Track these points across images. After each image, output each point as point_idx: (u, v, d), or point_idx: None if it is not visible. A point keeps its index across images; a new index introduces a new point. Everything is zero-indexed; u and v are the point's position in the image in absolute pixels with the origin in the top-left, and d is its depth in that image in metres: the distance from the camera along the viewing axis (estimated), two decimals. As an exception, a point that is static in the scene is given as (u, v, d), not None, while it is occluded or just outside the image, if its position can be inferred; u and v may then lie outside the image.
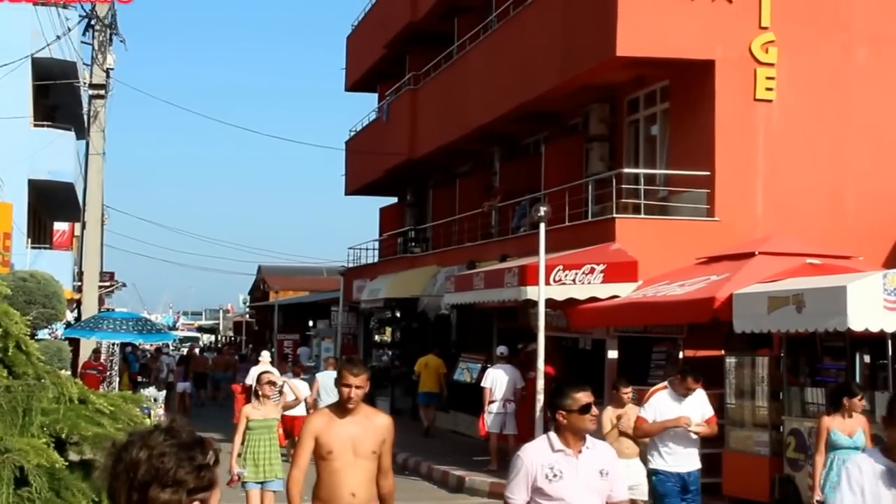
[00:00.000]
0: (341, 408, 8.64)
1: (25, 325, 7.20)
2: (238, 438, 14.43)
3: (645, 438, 13.70)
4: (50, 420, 6.72)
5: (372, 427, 8.56)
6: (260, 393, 14.90)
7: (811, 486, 16.18)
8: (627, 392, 15.30)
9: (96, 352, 30.47)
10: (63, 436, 6.82)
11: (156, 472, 3.45)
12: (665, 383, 13.86)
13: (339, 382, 8.60)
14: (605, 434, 14.06)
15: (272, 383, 15.12)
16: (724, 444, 17.92)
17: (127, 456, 3.48)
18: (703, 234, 21.57)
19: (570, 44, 24.65)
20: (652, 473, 13.38)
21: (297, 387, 22.13)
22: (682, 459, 13.18)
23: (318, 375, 26.54)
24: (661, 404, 13.34)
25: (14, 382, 6.32)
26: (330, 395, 29.43)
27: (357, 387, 8.53)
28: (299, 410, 29.35)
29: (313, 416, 9.11)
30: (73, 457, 7.18)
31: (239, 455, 14.33)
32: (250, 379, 34.23)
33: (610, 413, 14.82)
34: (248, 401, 35.40)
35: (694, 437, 13.24)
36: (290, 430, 28.91)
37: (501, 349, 24.06)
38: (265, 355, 39.43)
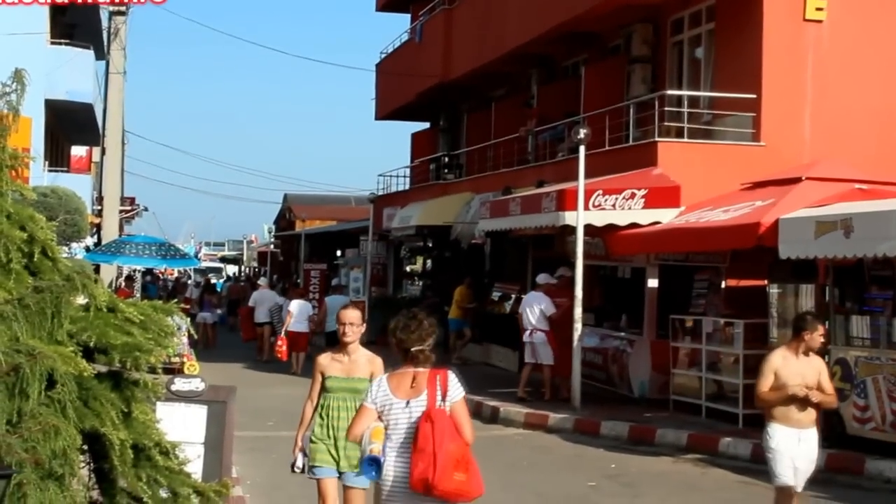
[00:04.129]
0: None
1: (52, 231, 7.24)
2: (308, 407, 10.02)
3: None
4: (78, 328, 6.74)
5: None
6: (342, 337, 10.01)
7: (855, 417, 16.37)
8: (818, 334, 11.28)
9: (129, 278, 30.60)
10: (91, 344, 6.85)
11: None
12: None
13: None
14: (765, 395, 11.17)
15: (354, 324, 9.97)
16: (767, 375, 18.04)
17: None
18: (748, 159, 21.60)
19: (612, -40, 24.58)
20: None
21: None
22: None
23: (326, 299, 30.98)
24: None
25: (43, 283, 6.41)
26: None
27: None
28: (301, 326, 30.14)
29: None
30: (102, 367, 7.26)
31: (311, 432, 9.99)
32: (252, 301, 35.16)
33: (778, 360, 11.25)
34: (251, 330, 35.61)
35: None
36: (293, 346, 29.73)
37: (541, 276, 23.39)
38: (263, 280, 40.03)
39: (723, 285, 21.20)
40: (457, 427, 7.63)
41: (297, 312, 30.03)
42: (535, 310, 22.42)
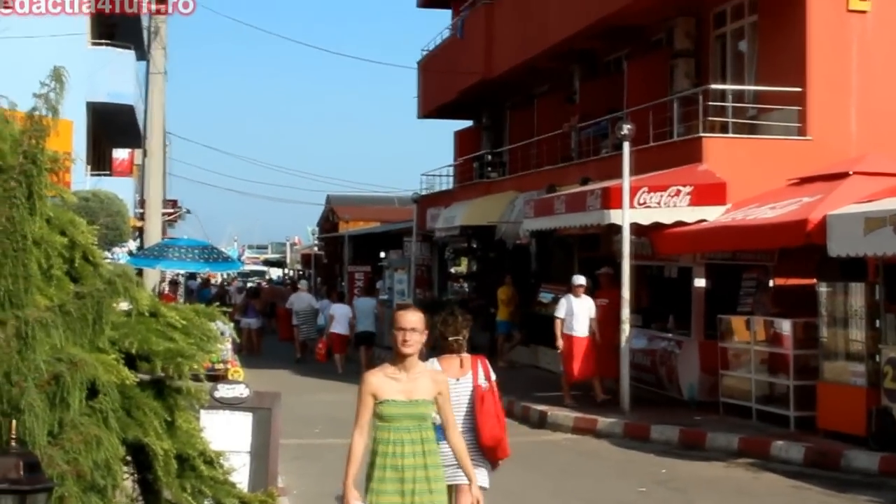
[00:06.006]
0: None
1: (93, 235, 7.19)
2: (358, 439, 8.03)
3: None
4: (119, 334, 6.70)
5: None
6: (399, 348, 8.03)
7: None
8: None
9: (173, 283, 30.80)
10: (133, 351, 6.81)
11: None
12: None
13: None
14: None
15: (416, 329, 7.99)
16: (818, 376, 17.95)
17: None
18: (794, 154, 21.49)
19: (654, -48, 24.49)
20: None
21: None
22: None
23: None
24: None
25: (85, 289, 6.38)
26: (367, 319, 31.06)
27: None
28: (342, 329, 30.71)
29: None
30: (144, 375, 7.24)
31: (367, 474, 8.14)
32: (289, 304, 35.63)
33: None
34: (288, 331, 36.03)
35: None
36: (333, 348, 30.26)
37: (579, 278, 22.94)
38: (303, 283, 40.52)
39: (771, 284, 21.08)
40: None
41: (339, 315, 30.91)
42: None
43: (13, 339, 5.75)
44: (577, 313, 22.24)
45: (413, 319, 7.97)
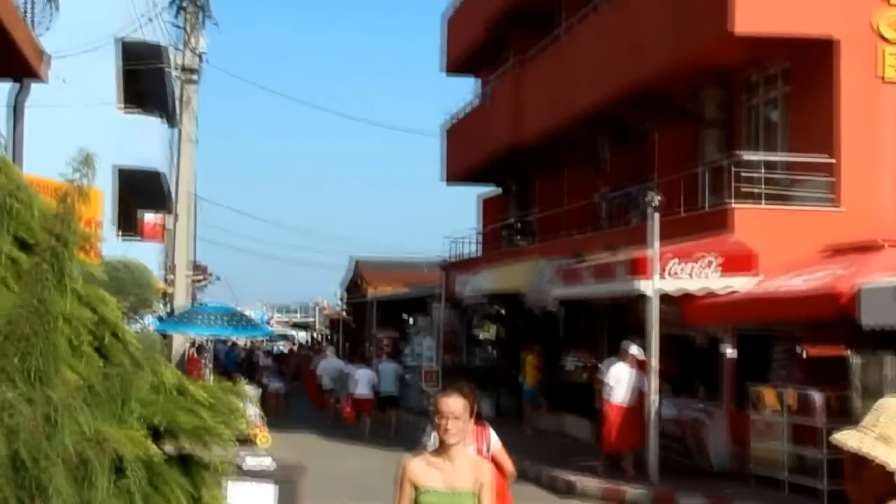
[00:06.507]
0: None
1: (121, 312, 7.24)
2: None
3: None
4: (147, 410, 6.70)
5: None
6: (440, 436, 7.36)
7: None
8: None
9: (199, 348, 30.88)
10: (160, 427, 6.82)
11: None
12: None
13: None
14: None
15: (458, 417, 7.24)
16: (849, 448, 17.70)
17: None
18: (826, 224, 21.35)
19: (682, 22, 24.47)
20: None
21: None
22: None
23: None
24: None
25: (112, 369, 6.37)
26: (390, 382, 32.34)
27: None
28: (366, 392, 31.12)
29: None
30: (170, 450, 7.22)
31: None
32: (319, 369, 35.94)
33: None
34: (318, 396, 36.45)
35: None
36: (359, 410, 30.71)
37: (634, 348, 22.20)
38: (330, 348, 40.87)
39: (802, 354, 20.88)
40: (499, 466, 9.51)
41: (362, 379, 31.74)
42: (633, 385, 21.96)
43: (41, 423, 5.69)
44: (625, 381, 22.00)
45: (455, 406, 7.22)
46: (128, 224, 47.20)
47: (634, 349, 22.04)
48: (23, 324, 5.98)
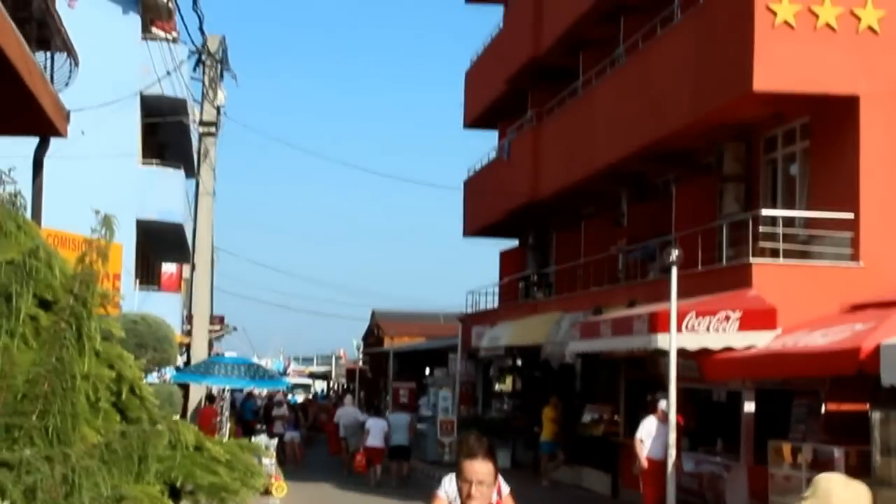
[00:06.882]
0: None
1: (139, 370, 7.27)
2: None
3: None
4: (165, 467, 6.73)
5: None
6: (461, 497, 6.86)
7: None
8: None
9: (210, 398, 30.91)
10: (178, 484, 6.83)
11: None
12: None
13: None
14: None
15: (483, 482, 6.70)
16: (870, 506, 17.55)
17: None
18: (846, 281, 21.23)
19: (702, 78, 24.46)
20: None
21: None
22: None
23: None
24: None
25: (129, 428, 6.38)
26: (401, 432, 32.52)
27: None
28: (377, 442, 31.39)
29: None
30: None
31: None
32: (337, 417, 36.18)
33: None
34: (337, 445, 36.74)
35: None
36: (370, 460, 31.14)
37: (664, 402, 21.74)
38: (348, 398, 41.02)
39: (822, 410, 20.74)
40: None
41: (374, 429, 31.85)
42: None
43: (60, 482, 5.67)
44: (655, 435, 21.93)
45: (482, 471, 6.72)
46: (147, 275, 47.33)
47: (664, 403, 21.86)
48: (42, 383, 6.00)
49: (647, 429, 22.21)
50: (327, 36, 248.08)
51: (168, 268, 54.69)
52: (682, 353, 20.69)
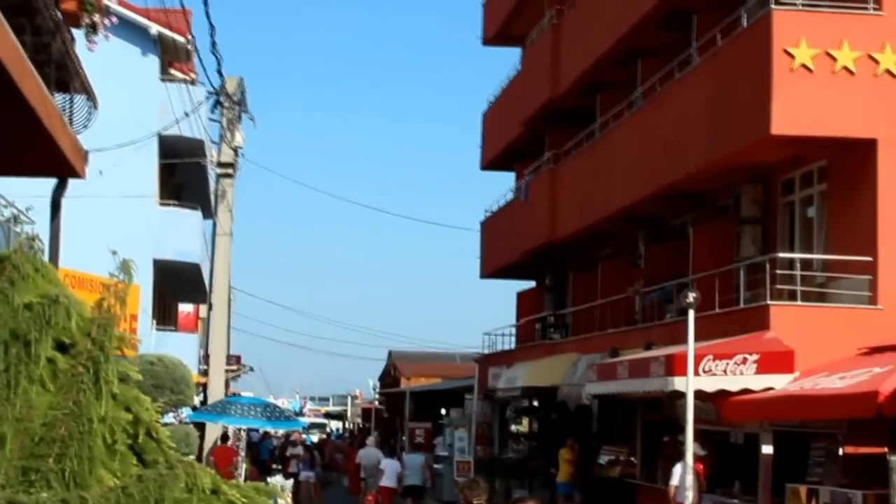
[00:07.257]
0: None
1: (156, 412, 7.29)
2: None
3: None
4: None
5: None
6: None
7: None
8: None
9: (224, 437, 30.89)
10: None
11: None
12: None
13: None
14: None
15: None
16: (889, 549, 17.45)
17: None
18: (865, 323, 21.13)
19: (720, 121, 24.46)
20: None
21: None
22: None
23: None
24: None
25: (146, 471, 6.37)
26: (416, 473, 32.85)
27: None
28: (391, 482, 31.47)
29: None
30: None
31: None
32: (359, 458, 36.17)
33: None
34: (355, 484, 36.82)
35: None
36: (383, 500, 31.32)
37: (695, 446, 21.32)
38: (370, 438, 41.10)
39: (840, 453, 20.61)
40: None
41: (388, 469, 32.16)
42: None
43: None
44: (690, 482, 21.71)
45: None
46: (164, 315, 47.37)
47: (695, 447, 21.59)
48: (59, 426, 5.99)
49: (679, 473, 21.73)
50: (349, 75, 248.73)
51: (185, 308, 54.73)
52: (699, 394, 20.60)
